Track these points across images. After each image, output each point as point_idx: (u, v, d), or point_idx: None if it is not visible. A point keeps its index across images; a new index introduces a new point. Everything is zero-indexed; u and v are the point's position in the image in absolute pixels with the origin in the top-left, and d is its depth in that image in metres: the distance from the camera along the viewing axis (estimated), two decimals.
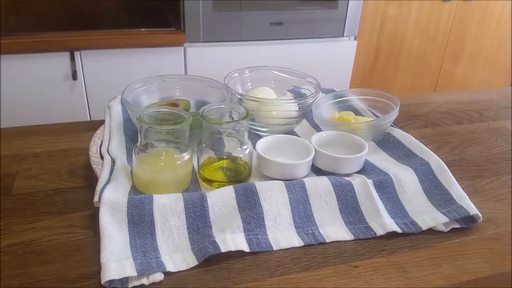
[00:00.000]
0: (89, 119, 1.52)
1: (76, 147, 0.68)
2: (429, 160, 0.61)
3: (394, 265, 0.47)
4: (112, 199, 0.50)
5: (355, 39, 1.75)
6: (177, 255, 0.47)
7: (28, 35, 1.37)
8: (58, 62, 1.39)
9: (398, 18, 1.88)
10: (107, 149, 0.62)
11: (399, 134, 0.69)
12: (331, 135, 0.66)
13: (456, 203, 0.54)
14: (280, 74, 0.78)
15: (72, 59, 1.39)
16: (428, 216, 0.54)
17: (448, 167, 0.59)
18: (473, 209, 0.53)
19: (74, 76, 1.41)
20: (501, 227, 0.54)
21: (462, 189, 0.57)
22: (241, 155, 0.59)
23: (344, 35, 1.70)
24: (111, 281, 0.42)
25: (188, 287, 0.43)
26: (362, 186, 0.56)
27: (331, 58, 1.71)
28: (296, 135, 0.71)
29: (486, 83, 2.29)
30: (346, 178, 0.57)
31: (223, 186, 0.55)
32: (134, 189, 0.55)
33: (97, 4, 1.70)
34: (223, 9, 1.51)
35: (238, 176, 0.59)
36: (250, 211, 0.51)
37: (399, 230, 0.51)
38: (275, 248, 0.49)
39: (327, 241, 0.50)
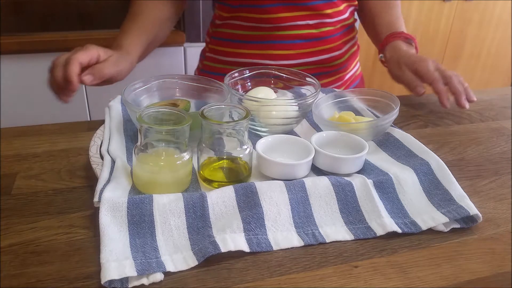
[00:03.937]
0: (89, 119, 1.52)
1: (76, 147, 0.68)
2: (429, 160, 0.61)
3: (394, 265, 0.47)
4: (112, 199, 0.50)
5: None
6: (177, 255, 0.47)
7: (28, 35, 1.37)
8: None
9: None
10: (107, 149, 0.62)
11: (399, 134, 0.68)
12: (331, 135, 0.66)
13: (456, 203, 0.54)
14: (280, 74, 0.78)
15: None
16: (428, 216, 0.54)
17: (448, 167, 0.59)
18: (473, 209, 0.53)
19: None
20: (501, 227, 0.54)
21: (462, 189, 0.56)
22: (241, 155, 0.59)
23: None
24: (111, 281, 0.42)
25: (188, 287, 0.43)
26: (362, 186, 0.56)
27: None
28: (296, 135, 0.71)
29: (486, 83, 2.29)
30: (346, 178, 0.57)
31: (223, 186, 0.55)
32: (134, 189, 0.55)
33: (97, 4, 1.70)
34: None
35: (238, 176, 0.59)
36: (250, 211, 0.51)
37: (399, 230, 0.51)
38: (275, 248, 0.49)
39: (327, 241, 0.50)
